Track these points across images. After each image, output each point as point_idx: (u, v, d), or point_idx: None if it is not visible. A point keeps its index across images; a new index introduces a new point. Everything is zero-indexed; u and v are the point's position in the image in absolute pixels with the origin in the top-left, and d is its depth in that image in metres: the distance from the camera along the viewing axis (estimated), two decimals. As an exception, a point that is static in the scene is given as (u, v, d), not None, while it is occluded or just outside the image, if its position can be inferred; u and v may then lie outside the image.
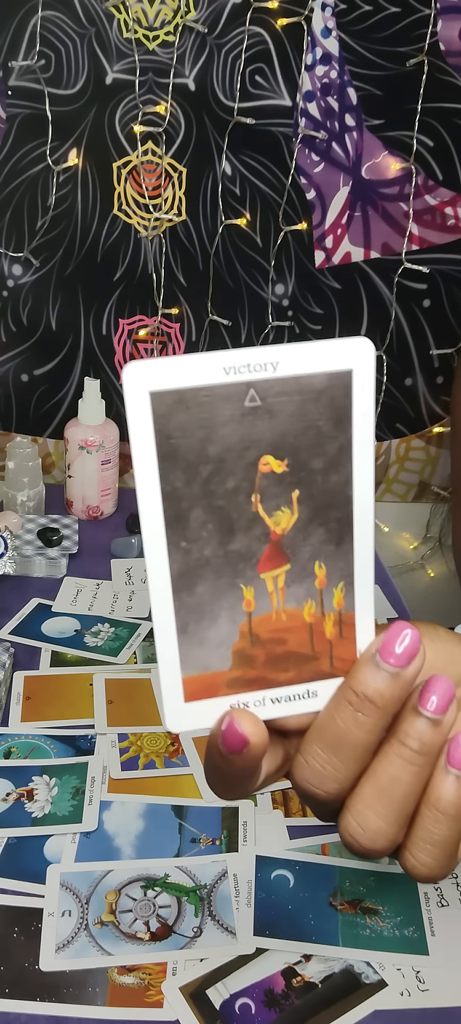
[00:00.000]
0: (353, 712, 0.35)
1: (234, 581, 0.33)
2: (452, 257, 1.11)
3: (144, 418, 0.31)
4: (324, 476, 0.33)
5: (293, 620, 0.34)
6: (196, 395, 0.31)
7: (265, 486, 0.33)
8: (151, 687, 0.81)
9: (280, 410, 0.32)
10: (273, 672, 0.35)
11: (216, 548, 0.33)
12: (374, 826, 0.36)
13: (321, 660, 0.35)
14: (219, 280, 1.12)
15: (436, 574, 1.30)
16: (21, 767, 0.70)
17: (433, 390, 1.18)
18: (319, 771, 0.36)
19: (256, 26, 1.01)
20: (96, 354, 1.15)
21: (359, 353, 0.32)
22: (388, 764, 0.35)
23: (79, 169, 1.06)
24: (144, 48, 1.01)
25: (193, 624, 0.33)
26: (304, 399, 0.32)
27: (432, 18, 1.00)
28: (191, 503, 0.32)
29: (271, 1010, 0.53)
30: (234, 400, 0.32)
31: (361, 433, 0.33)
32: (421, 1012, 0.54)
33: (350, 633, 0.35)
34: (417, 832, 0.36)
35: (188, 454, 0.32)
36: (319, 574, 0.34)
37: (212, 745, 0.35)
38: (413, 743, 0.35)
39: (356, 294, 1.13)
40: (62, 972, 0.55)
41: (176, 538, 0.32)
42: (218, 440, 0.32)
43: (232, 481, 0.32)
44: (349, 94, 1.04)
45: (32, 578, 0.97)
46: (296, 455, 0.33)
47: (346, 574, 0.34)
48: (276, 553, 0.34)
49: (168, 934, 0.58)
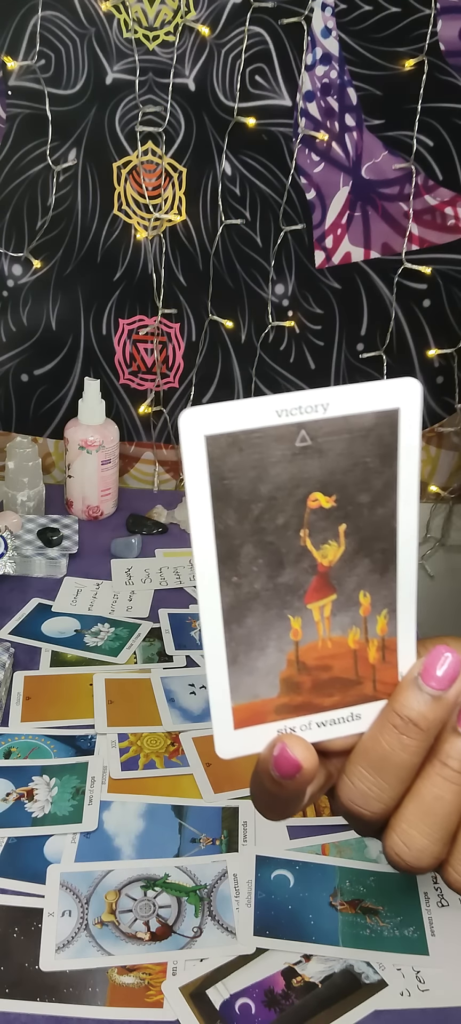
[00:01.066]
0: (398, 735, 0.36)
1: (282, 612, 0.35)
2: (452, 257, 1.11)
3: (199, 461, 0.32)
4: (370, 510, 0.34)
5: (338, 647, 0.36)
6: (249, 437, 0.32)
7: (313, 521, 0.34)
8: (151, 687, 0.81)
9: (329, 449, 0.33)
10: (319, 697, 0.36)
11: (266, 582, 0.34)
12: (419, 844, 0.37)
13: (365, 684, 0.36)
14: (219, 280, 1.12)
15: (436, 574, 1.30)
16: (21, 767, 0.70)
17: (433, 390, 1.18)
18: (365, 792, 0.37)
19: (256, 26, 1.01)
20: (96, 354, 1.15)
21: (406, 392, 0.34)
22: (431, 784, 0.36)
23: (79, 169, 1.06)
24: (144, 48, 1.01)
25: (243, 655, 0.35)
26: (353, 437, 0.33)
27: (432, 18, 1.00)
28: (243, 540, 0.33)
29: (271, 1010, 0.53)
30: (286, 441, 0.33)
31: (407, 468, 0.34)
32: (421, 1012, 0.54)
33: (392, 658, 0.36)
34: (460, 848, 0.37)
35: (241, 493, 0.33)
36: (364, 603, 0.36)
37: (263, 770, 0.36)
38: (454, 763, 0.36)
39: (356, 294, 1.13)
40: (62, 972, 0.55)
41: (228, 573, 0.34)
42: (269, 479, 0.33)
43: (282, 518, 0.34)
44: (349, 94, 1.04)
45: (32, 578, 0.97)
46: (344, 491, 0.34)
47: (389, 602, 0.36)
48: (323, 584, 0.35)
49: (168, 934, 0.58)
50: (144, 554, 1.04)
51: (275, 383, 1.17)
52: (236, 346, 1.15)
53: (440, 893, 0.61)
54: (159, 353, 1.16)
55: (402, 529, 0.35)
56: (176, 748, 0.73)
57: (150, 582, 0.98)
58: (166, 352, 1.16)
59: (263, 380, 1.17)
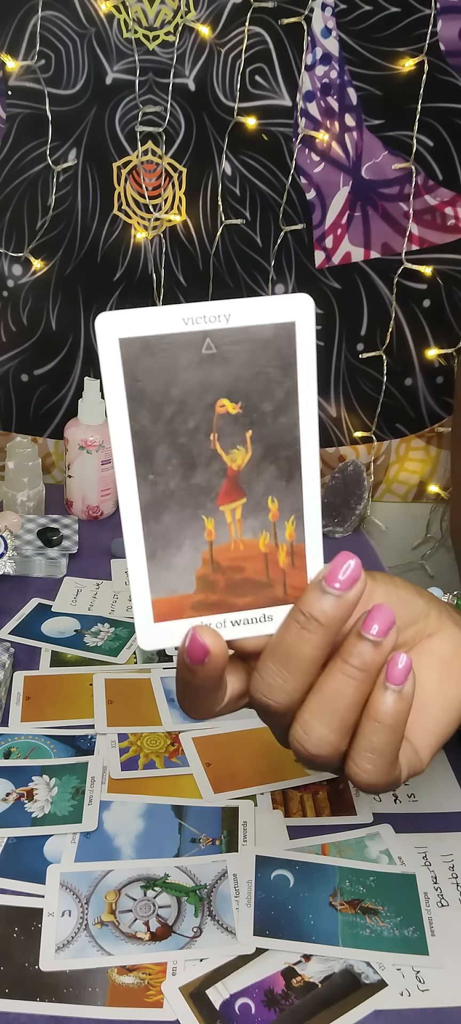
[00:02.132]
0: (300, 630, 0.39)
1: (196, 512, 0.37)
2: (452, 257, 1.11)
3: (115, 361, 0.35)
4: (274, 418, 0.37)
5: (250, 550, 0.38)
6: (159, 342, 0.35)
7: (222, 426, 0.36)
8: (151, 687, 0.81)
9: (233, 357, 0.36)
10: (233, 597, 0.39)
11: (180, 481, 0.36)
12: (318, 733, 0.40)
13: (276, 587, 0.39)
14: (219, 280, 1.12)
15: (436, 574, 1.30)
16: (21, 767, 0.70)
17: (433, 390, 1.18)
18: (271, 683, 0.40)
19: (256, 26, 1.01)
20: (96, 354, 1.15)
21: (301, 307, 0.36)
22: (332, 679, 0.40)
23: (79, 169, 1.06)
24: (144, 48, 1.01)
25: (161, 551, 0.37)
26: (254, 348, 0.36)
27: (432, 18, 1.00)
28: (157, 440, 0.36)
29: (271, 1010, 0.53)
30: (193, 347, 0.35)
31: (305, 380, 0.37)
32: (421, 1012, 0.54)
33: (301, 563, 0.39)
34: (359, 742, 0.41)
35: (153, 395, 0.35)
36: (272, 508, 0.38)
37: (179, 661, 0.39)
38: (355, 660, 0.40)
39: (356, 294, 1.13)
40: (62, 972, 0.55)
41: (144, 471, 0.36)
42: (179, 383, 0.35)
43: (192, 421, 0.36)
44: (349, 94, 1.04)
45: (32, 578, 0.97)
46: (248, 399, 0.36)
47: (296, 508, 0.38)
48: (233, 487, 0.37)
49: (168, 934, 0.58)
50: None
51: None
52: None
53: (440, 893, 0.61)
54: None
55: (304, 437, 0.37)
56: (176, 748, 0.73)
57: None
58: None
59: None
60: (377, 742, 0.40)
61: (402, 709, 0.40)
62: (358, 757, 0.41)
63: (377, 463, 1.23)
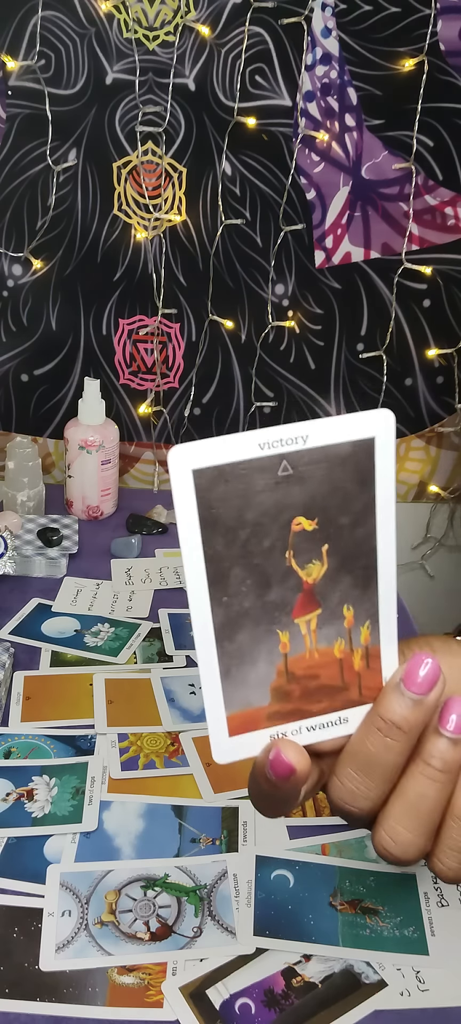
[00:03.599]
0: (382, 737, 0.38)
1: (271, 628, 0.37)
2: (452, 257, 1.11)
3: (187, 492, 0.35)
4: (350, 530, 0.37)
5: (325, 657, 0.38)
6: (234, 469, 0.35)
7: (297, 543, 0.36)
8: (151, 687, 0.81)
9: (310, 476, 0.36)
10: (308, 704, 0.38)
11: (254, 600, 0.37)
12: (404, 839, 0.39)
13: (351, 690, 0.39)
14: (219, 280, 1.12)
15: (436, 574, 1.30)
16: (21, 767, 0.70)
17: (433, 390, 1.18)
18: (353, 791, 0.39)
19: (256, 26, 1.01)
20: (96, 354, 1.15)
21: (381, 422, 0.36)
22: (415, 782, 0.39)
23: (79, 169, 1.06)
24: (144, 48, 1.01)
25: (235, 668, 0.37)
26: (332, 465, 0.36)
27: (432, 18, 1.00)
28: (231, 563, 0.36)
29: (271, 1010, 0.53)
30: (268, 471, 0.35)
31: (383, 491, 0.37)
32: (421, 1012, 0.54)
33: (376, 665, 0.39)
34: (444, 841, 0.40)
35: (227, 520, 0.35)
36: (347, 615, 0.38)
37: (259, 773, 0.38)
38: (436, 762, 0.38)
39: (356, 294, 1.13)
40: (62, 972, 0.55)
41: (218, 595, 0.36)
42: (255, 506, 0.35)
43: (268, 541, 0.36)
44: (349, 94, 1.04)
45: (32, 578, 0.97)
46: (325, 514, 0.36)
47: (372, 613, 0.38)
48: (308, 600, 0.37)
49: (168, 934, 0.58)
50: (144, 554, 1.05)
51: (275, 383, 1.17)
52: (236, 346, 1.15)
53: (440, 893, 0.61)
54: (159, 353, 1.16)
55: (381, 546, 0.38)
56: (176, 748, 0.73)
57: (150, 582, 0.98)
58: (166, 352, 1.16)
59: (263, 380, 1.17)
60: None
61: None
62: (443, 855, 0.40)
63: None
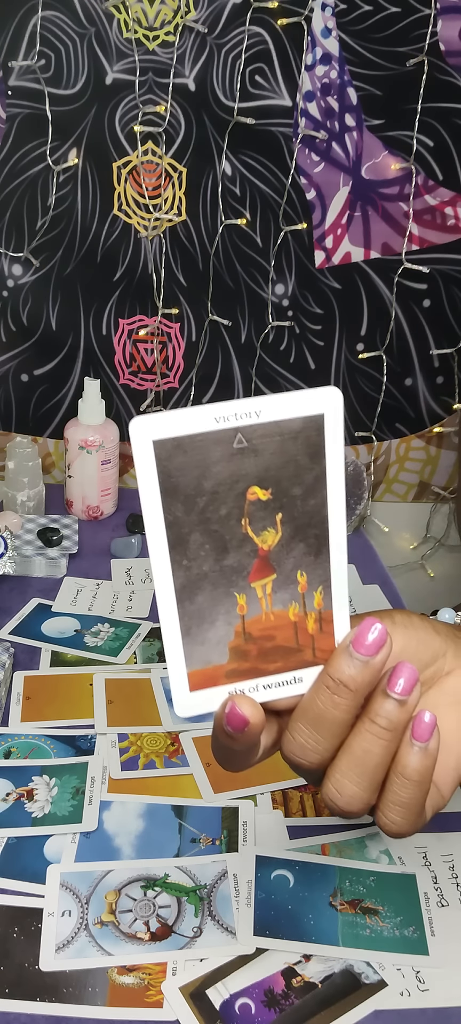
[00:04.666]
0: (330, 695, 0.41)
1: (229, 590, 0.39)
2: (452, 257, 1.11)
3: (148, 461, 0.37)
4: (303, 501, 0.39)
5: (280, 620, 0.40)
6: (192, 440, 0.37)
7: (253, 511, 0.39)
8: (151, 687, 0.81)
9: (264, 449, 0.38)
10: (264, 663, 0.41)
11: (213, 564, 0.39)
12: (349, 791, 0.42)
13: (305, 651, 0.41)
14: (219, 280, 1.12)
15: (436, 574, 1.30)
16: (21, 767, 0.70)
17: (433, 390, 1.18)
18: (303, 744, 0.42)
19: (256, 26, 1.01)
20: (96, 354, 1.15)
21: (330, 400, 0.38)
22: (361, 739, 0.41)
23: (79, 169, 1.06)
24: (144, 48, 1.01)
25: (195, 627, 0.39)
26: (284, 439, 0.38)
27: (432, 18, 1.00)
28: (190, 528, 0.38)
29: (271, 1010, 0.53)
30: (224, 443, 0.37)
31: (333, 464, 0.39)
32: (421, 1012, 0.54)
33: (329, 628, 0.41)
34: (387, 796, 0.42)
35: (186, 489, 0.37)
36: (301, 581, 0.40)
37: (217, 726, 0.41)
38: (382, 720, 0.41)
39: (356, 294, 1.13)
40: (62, 972, 0.55)
41: (178, 558, 0.38)
42: (212, 476, 0.38)
43: (224, 509, 0.38)
44: (349, 94, 1.04)
45: (32, 578, 0.97)
46: (278, 485, 0.39)
47: (324, 579, 0.40)
48: (264, 566, 0.40)
49: (168, 934, 0.58)
50: (144, 554, 1.05)
51: (275, 383, 1.17)
52: (236, 346, 1.15)
53: (440, 893, 0.61)
54: (159, 353, 1.16)
55: (332, 516, 0.40)
56: (176, 748, 0.73)
57: (150, 582, 0.98)
58: (166, 352, 1.16)
59: (263, 380, 1.17)
60: (405, 796, 0.42)
61: (428, 765, 0.42)
62: (387, 810, 0.43)
63: (377, 463, 1.23)
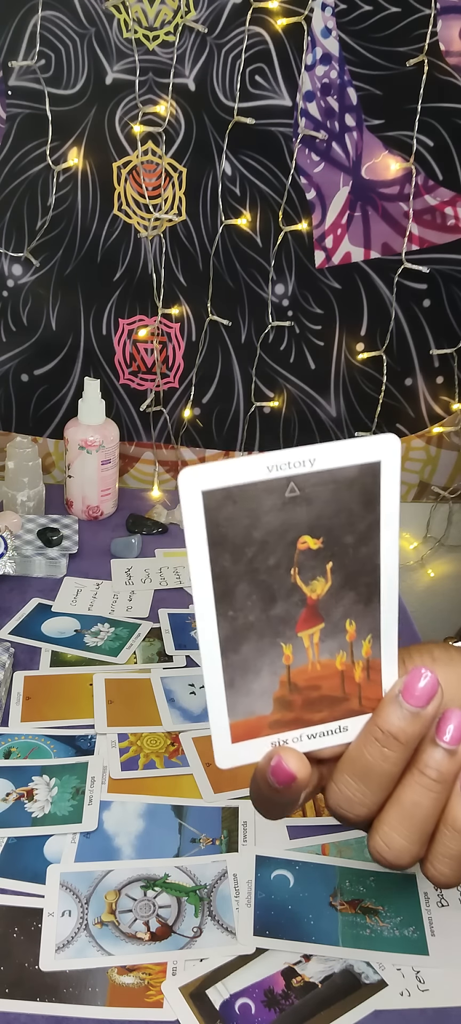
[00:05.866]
0: (380, 747, 0.39)
1: (275, 640, 0.38)
2: (452, 257, 1.11)
3: (197, 513, 0.36)
4: (355, 549, 0.38)
5: (326, 669, 0.39)
6: (242, 490, 0.36)
7: (302, 560, 0.37)
8: (151, 687, 0.81)
9: (316, 497, 0.37)
10: (309, 713, 0.39)
11: (259, 614, 0.38)
12: (398, 846, 0.40)
13: (351, 700, 0.40)
14: (219, 280, 1.12)
15: (436, 574, 1.30)
16: (21, 767, 0.70)
17: (433, 390, 1.18)
18: (350, 797, 0.40)
19: (256, 26, 1.01)
20: (96, 354, 1.15)
21: (387, 447, 0.37)
22: (410, 791, 0.40)
23: (79, 169, 1.06)
24: (144, 48, 1.01)
25: (239, 679, 0.38)
26: (338, 487, 0.37)
27: (432, 18, 1.00)
28: (237, 579, 0.37)
29: (271, 1010, 0.53)
30: (276, 492, 0.36)
31: (388, 511, 0.38)
32: (421, 1012, 0.54)
33: (377, 677, 0.40)
34: (437, 848, 0.41)
35: (235, 539, 0.36)
36: (349, 629, 0.39)
37: (261, 778, 0.40)
38: (431, 772, 0.39)
39: (356, 294, 1.13)
40: (62, 972, 0.55)
41: (224, 609, 0.37)
42: (261, 526, 0.36)
43: (274, 559, 0.37)
44: (349, 94, 1.04)
45: (32, 578, 0.97)
46: (330, 533, 0.37)
47: (373, 628, 0.39)
48: (312, 615, 0.38)
49: (168, 934, 0.58)
50: (144, 554, 1.05)
51: (275, 383, 1.17)
52: (236, 346, 1.15)
53: (440, 893, 0.61)
54: (159, 353, 1.16)
55: (384, 564, 0.38)
56: (176, 748, 0.73)
57: (150, 582, 0.98)
58: (166, 352, 1.16)
59: (263, 380, 1.17)
60: (455, 849, 0.41)
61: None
62: (437, 862, 0.41)
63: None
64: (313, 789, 0.42)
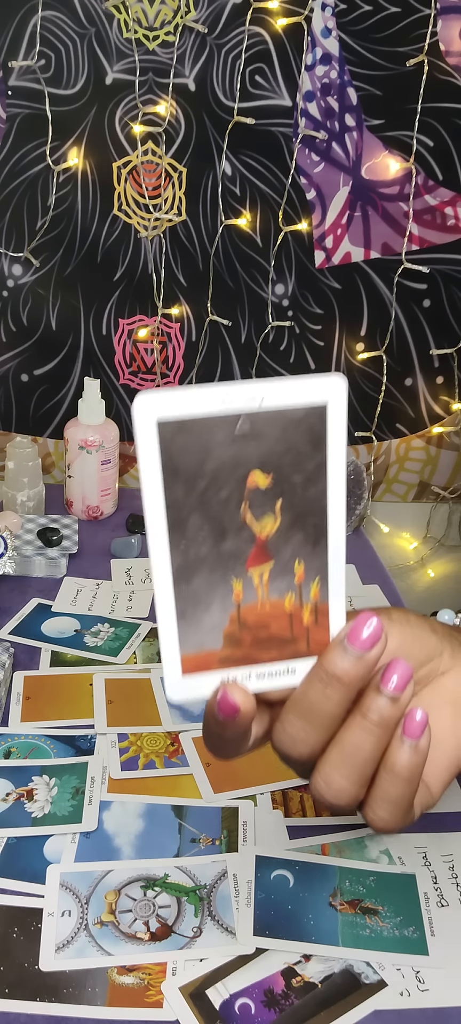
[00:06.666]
0: (323, 687, 0.40)
1: (226, 576, 0.39)
2: (452, 257, 1.11)
3: (151, 441, 0.36)
4: (303, 488, 0.39)
5: (275, 609, 0.40)
6: (195, 423, 0.37)
7: (252, 497, 0.38)
8: (151, 687, 0.81)
9: (266, 434, 0.38)
10: (258, 652, 0.40)
11: (210, 548, 0.38)
12: (338, 784, 0.41)
13: (299, 642, 0.41)
14: (219, 280, 1.12)
15: (436, 574, 1.30)
16: (21, 767, 0.70)
17: (433, 390, 1.18)
18: (293, 736, 0.41)
19: (256, 26, 1.01)
20: (96, 354, 1.15)
21: (333, 389, 0.38)
22: (351, 733, 0.41)
23: (79, 169, 1.06)
24: (144, 48, 1.01)
25: (190, 610, 0.39)
26: (286, 426, 0.38)
27: (432, 18, 1.00)
28: (190, 510, 0.38)
29: (271, 1010, 0.53)
30: (227, 426, 0.37)
31: (335, 454, 0.39)
32: (421, 1012, 0.54)
33: (324, 621, 0.41)
34: (376, 792, 0.42)
35: (188, 470, 0.37)
36: (298, 571, 0.40)
37: (209, 713, 0.40)
38: (374, 716, 0.40)
39: (356, 294, 1.13)
40: (62, 972, 0.55)
41: (176, 539, 0.38)
42: (213, 458, 0.37)
43: (225, 492, 0.38)
44: (349, 94, 1.04)
45: (32, 578, 0.97)
46: (279, 471, 0.38)
47: (321, 570, 0.40)
48: (261, 553, 0.39)
49: (168, 934, 0.58)
50: (144, 554, 1.05)
51: (275, 383, 1.17)
52: (236, 346, 1.15)
53: (440, 893, 0.61)
54: (159, 353, 1.16)
55: (332, 506, 0.39)
56: (176, 748, 0.73)
57: (150, 582, 0.98)
58: (166, 352, 1.16)
59: (263, 380, 1.17)
60: (393, 792, 0.42)
61: (418, 762, 0.41)
62: (375, 805, 0.42)
63: (377, 463, 1.23)
64: (263, 732, 0.43)
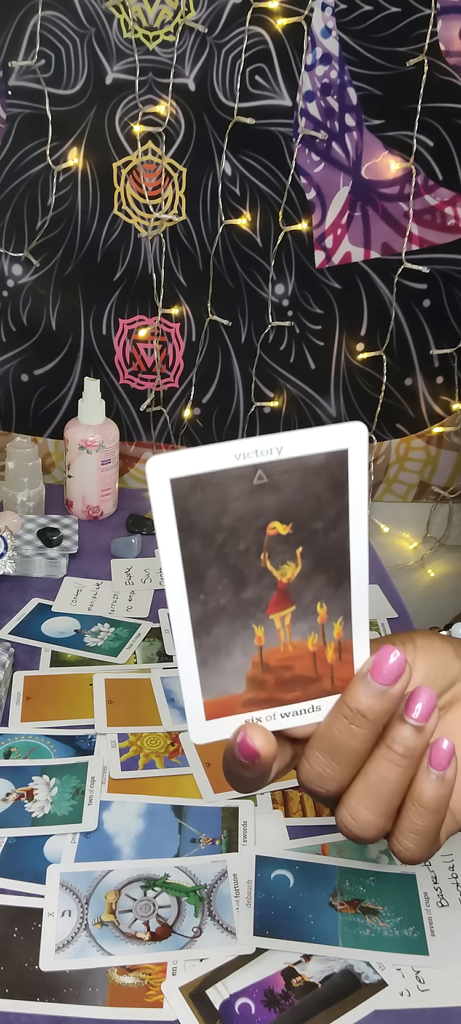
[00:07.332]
0: (347, 724, 0.40)
1: (247, 623, 0.39)
2: (452, 257, 1.11)
3: (165, 500, 0.36)
4: (324, 534, 0.39)
5: (298, 650, 0.40)
6: (210, 478, 0.36)
7: (272, 545, 0.38)
8: (151, 687, 0.81)
9: (285, 484, 0.37)
10: (282, 693, 0.40)
11: (230, 597, 0.38)
12: (364, 819, 0.41)
13: (323, 680, 0.41)
14: (219, 280, 1.12)
15: (436, 574, 1.30)
16: (21, 767, 0.70)
17: (433, 390, 1.18)
18: (320, 773, 0.41)
19: (256, 26, 1.01)
20: (96, 354, 1.15)
21: (354, 435, 0.37)
22: (377, 766, 0.41)
23: (79, 169, 1.06)
24: (144, 48, 1.01)
25: (212, 659, 0.39)
26: (306, 474, 0.37)
27: (432, 18, 1.00)
28: (208, 564, 0.38)
29: (271, 1010, 0.53)
30: (244, 479, 0.37)
31: (356, 498, 0.38)
32: (421, 1012, 0.54)
33: (348, 657, 0.41)
34: (403, 823, 0.42)
35: (204, 525, 0.37)
36: (320, 612, 0.40)
37: (228, 753, 0.40)
38: (399, 748, 0.40)
39: (356, 294, 1.13)
40: (62, 972, 0.55)
41: (195, 592, 0.38)
42: (230, 512, 0.37)
43: (243, 544, 0.38)
44: (349, 94, 1.04)
45: (32, 578, 0.97)
46: (299, 519, 0.38)
47: (344, 610, 0.40)
48: (283, 598, 0.39)
49: (168, 934, 0.58)
50: (144, 554, 1.05)
51: (275, 383, 1.17)
52: (236, 346, 1.15)
53: (440, 893, 0.61)
54: (159, 353, 1.16)
55: (354, 548, 0.39)
56: (176, 748, 0.73)
57: (150, 582, 0.98)
58: (166, 352, 1.16)
59: (263, 380, 1.17)
60: (421, 824, 0.41)
61: (445, 793, 0.41)
62: (402, 837, 0.42)
63: (377, 463, 1.23)
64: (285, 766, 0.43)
